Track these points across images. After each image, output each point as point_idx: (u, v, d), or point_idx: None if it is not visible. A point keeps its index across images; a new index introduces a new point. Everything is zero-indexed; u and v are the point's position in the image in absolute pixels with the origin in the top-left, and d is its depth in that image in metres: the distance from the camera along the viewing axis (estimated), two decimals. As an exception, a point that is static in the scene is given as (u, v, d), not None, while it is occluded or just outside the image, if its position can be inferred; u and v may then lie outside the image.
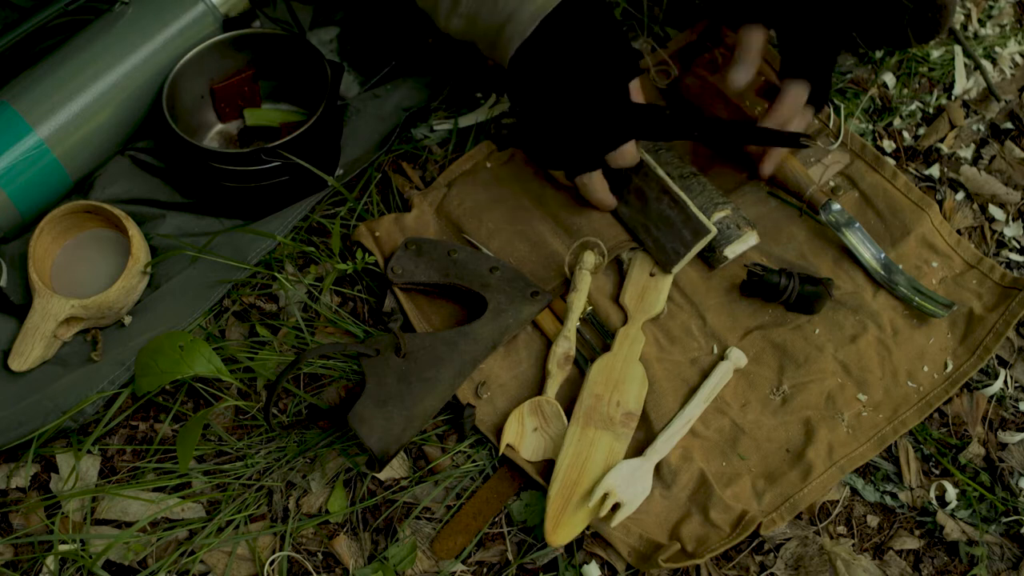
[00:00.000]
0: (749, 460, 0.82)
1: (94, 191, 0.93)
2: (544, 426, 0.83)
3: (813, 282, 0.87)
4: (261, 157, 0.89)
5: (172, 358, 0.81)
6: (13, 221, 0.91)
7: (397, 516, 0.81)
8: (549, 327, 0.88)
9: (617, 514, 0.78)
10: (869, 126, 1.03)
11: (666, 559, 0.76)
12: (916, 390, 0.86)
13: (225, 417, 0.86)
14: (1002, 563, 0.80)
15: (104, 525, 0.81)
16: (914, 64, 1.07)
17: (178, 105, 0.94)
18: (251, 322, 0.90)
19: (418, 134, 1.02)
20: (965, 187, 0.99)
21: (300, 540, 0.80)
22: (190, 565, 0.78)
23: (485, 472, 0.83)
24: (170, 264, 0.91)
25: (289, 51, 0.97)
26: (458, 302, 0.90)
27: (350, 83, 1.03)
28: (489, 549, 0.80)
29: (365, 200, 0.96)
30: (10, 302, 0.88)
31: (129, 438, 0.85)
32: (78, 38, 0.94)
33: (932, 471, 0.84)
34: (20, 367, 0.84)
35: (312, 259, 0.93)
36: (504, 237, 0.92)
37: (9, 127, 0.88)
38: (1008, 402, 0.87)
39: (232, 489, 0.82)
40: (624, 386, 0.83)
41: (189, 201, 0.95)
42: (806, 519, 0.81)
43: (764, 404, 0.85)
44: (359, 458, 0.83)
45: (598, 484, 0.78)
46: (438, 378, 0.80)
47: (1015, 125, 1.03)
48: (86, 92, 0.91)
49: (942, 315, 0.87)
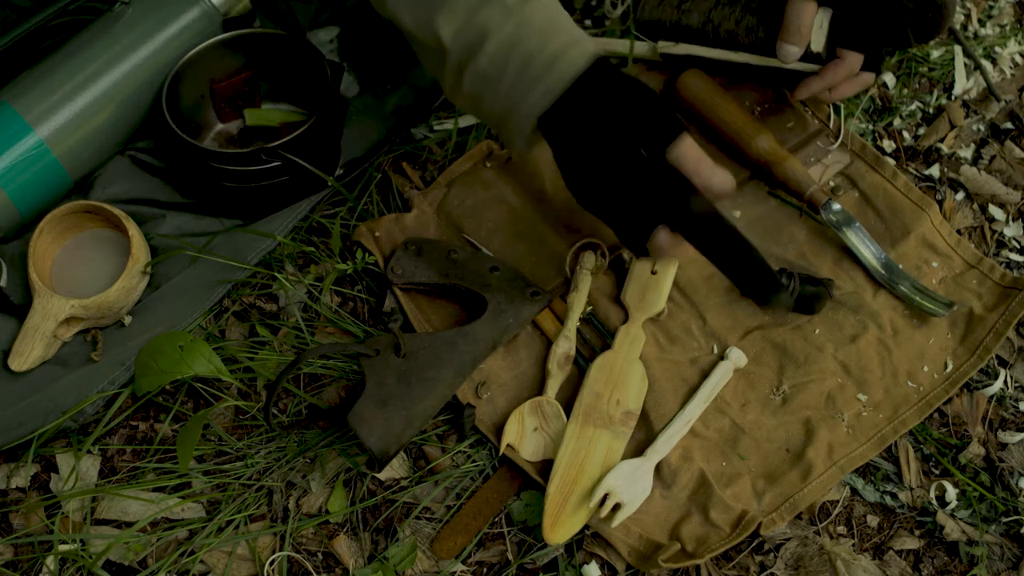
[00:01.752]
0: (749, 460, 0.82)
1: (94, 191, 0.93)
2: (544, 426, 0.83)
3: (814, 282, 0.87)
4: (261, 157, 0.89)
5: (172, 358, 0.81)
6: (13, 221, 0.91)
7: (397, 516, 0.81)
8: (549, 327, 0.88)
9: (618, 514, 0.78)
10: (869, 126, 1.03)
11: (666, 559, 0.76)
12: (916, 390, 0.86)
13: (225, 417, 0.86)
14: (1002, 563, 0.80)
15: (104, 525, 0.81)
16: (914, 64, 1.07)
17: (178, 105, 0.94)
18: (251, 322, 0.90)
19: (418, 134, 1.02)
20: (965, 187, 0.99)
21: (300, 540, 0.80)
22: (190, 565, 0.78)
23: (485, 472, 0.83)
24: (170, 264, 0.91)
25: (289, 51, 0.97)
26: (458, 302, 0.90)
27: (350, 83, 1.03)
28: (489, 549, 0.80)
29: (365, 200, 0.96)
30: (10, 302, 0.88)
31: (129, 438, 0.85)
32: (78, 38, 0.94)
33: (932, 471, 0.84)
34: (20, 367, 0.84)
35: (312, 259, 0.93)
36: (504, 237, 0.92)
37: (9, 127, 0.88)
38: (1008, 402, 0.87)
39: (232, 489, 0.82)
40: (624, 385, 0.83)
41: (189, 201, 0.95)
42: (806, 519, 0.81)
43: (764, 404, 0.85)
44: (359, 458, 0.83)
45: (598, 484, 0.78)
46: (438, 378, 0.80)
47: (1015, 125, 1.03)
48: (86, 92, 0.91)
49: (943, 314, 0.87)
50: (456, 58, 0.77)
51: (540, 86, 0.75)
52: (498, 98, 0.77)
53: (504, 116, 0.78)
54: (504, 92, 0.76)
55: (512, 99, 0.76)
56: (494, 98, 0.77)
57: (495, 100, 0.77)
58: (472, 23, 0.76)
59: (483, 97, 0.78)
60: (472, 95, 0.79)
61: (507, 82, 0.76)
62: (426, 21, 0.77)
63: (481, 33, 0.76)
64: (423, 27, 0.78)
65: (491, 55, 0.75)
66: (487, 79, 0.77)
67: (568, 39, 0.76)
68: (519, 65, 0.75)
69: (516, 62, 0.75)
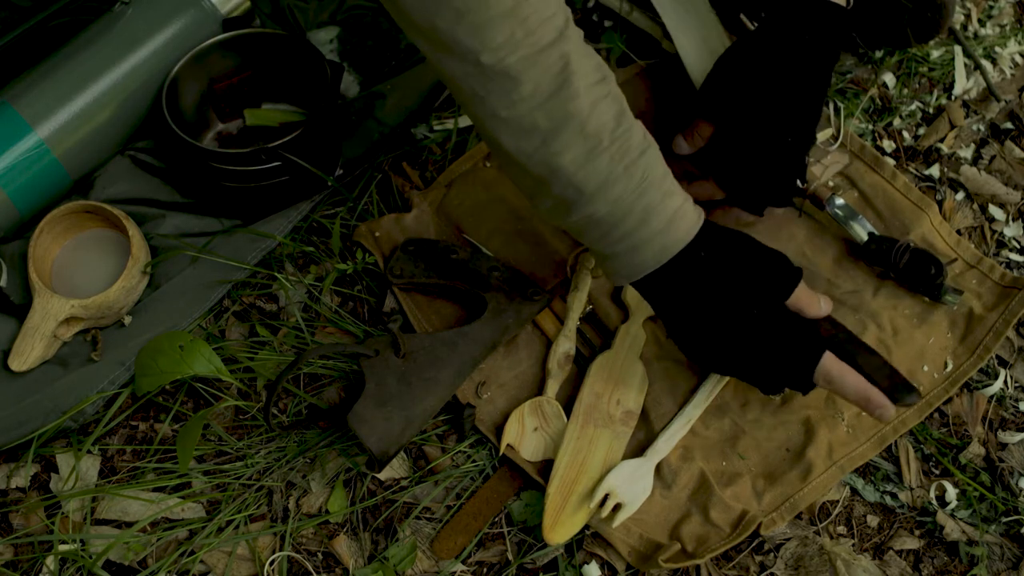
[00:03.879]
0: (749, 460, 0.82)
1: (94, 191, 0.93)
2: (544, 426, 0.83)
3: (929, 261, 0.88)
4: (261, 157, 0.89)
5: (172, 358, 0.81)
6: (13, 221, 0.91)
7: (397, 516, 0.81)
8: (549, 327, 0.88)
9: (619, 514, 0.78)
10: (869, 126, 1.03)
11: (666, 559, 0.76)
12: (916, 390, 0.86)
13: (225, 417, 0.86)
14: (1002, 563, 0.80)
15: (104, 525, 0.81)
16: (914, 64, 1.07)
17: (178, 105, 0.94)
18: (251, 322, 0.90)
19: (418, 134, 1.02)
20: (965, 187, 0.99)
21: (300, 540, 0.80)
22: (190, 565, 0.78)
23: (485, 472, 0.83)
24: (170, 264, 0.91)
25: (289, 51, 0.97)
26: (458, 302, 0.90)
27: (350, 83, 1.03)
28: (489, 549, 0.80)
29: (365, 200, 0.96)
30: (10, 302, 0.88)
31: (129, 438, 0.85)
32: (78, 38, 0.93)
33: (932, 471, 0.84)
34: (20, 367, 0.84)
35: (312, 259, 0.93)
36: (504, 237, 0.92)
37: (9, 127, 0.88)
38: (1008, 402, 0.87)
39: (232, 489, 0.82)
40: (624, 384, 0.83)
41: (189, 201, 0.95)
42: (806, 519, 0.81)
43: (764, 404, 0.85)
44: (359, 458, 0.83)
45: (599, 485, 0.78)
46: (438, 378, 0.80)
47: (1015, 125, 1.03)
48: (86, 92, 0.91)
49: (953, 302, 0.87)
50: (565, 193, 0.72)
51: (655, 245, 0.73)
52: (606, 242, 0.73)
53: (607, 257, 0.75)
54: (616, 239, 0.73)
55: (622, 247, 0.73)
56: (602, 241, 0.74)
57: (602, 243, 0.74)
58: (594, 165, 0.70)
59: (586, 235, 0.74)
60: (575, 230, 0.75)
61: (620, 232, 0.72)
62: (534, 151, 0.71)
63: (603, 180, 0.71)
64: (529, 156, 0.71)
65: (613, 202, 0.71)
66: (599, 223, 0.72)
67: (683, 197, 0.74)
68: (638, 219, 0.72)
69: (636, 216, 0.72)
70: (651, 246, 0.73)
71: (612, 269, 0.76)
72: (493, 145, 0.73)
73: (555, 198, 0.73)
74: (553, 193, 0.73)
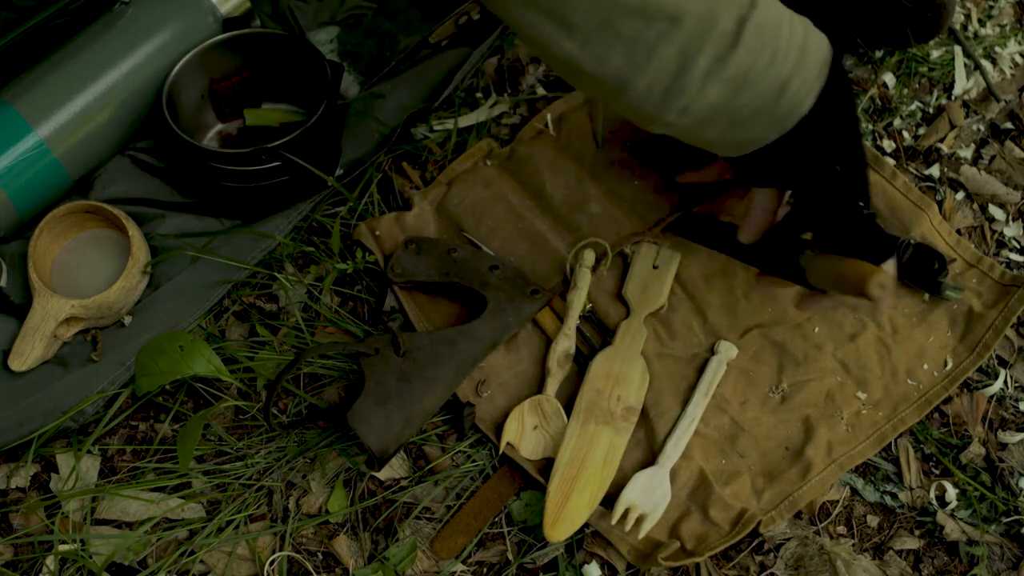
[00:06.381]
0: (748, 458, 0.82)
1: (94, 191, 0.93)
2: (544, 424, 0.83)
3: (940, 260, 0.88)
4: (261, 157, 0.89)
5: (172, 358, 0.81)
6: (13, 221, 0.91)
7: (397, 516, 0.81)
8: (549, 325, 0.88)
9: (643, 525, 0.78)
10: (869, 126, 1.03)
11: (666, 557, 0.76)
12: (916, 388, 0.86)
13: (225, 417, 0.86)
14: (1002, 563, 0.80)
15: (104, 525, 0.81)
16: (914, 64, 1.07)
17: (178, 105, 0.95)
18: (251, 322, 0.90)
19: (418, 134, 1.02)
20: (965, 187, 0.99)
21: (300, 540, 0.80)
22: (190, 565, 0.78)
23: (485, 472, 0.83)
24: (170, 264, 0.91)
25: (289, 51, 0.97)
26: (458, 301, 0.90)
27: (350, 83, 1.03)
28: (489, 549, 0.80)
29: (365, 200, 0.96)
30: (10, 302, 0.88)
31: (129, 438, 0.85)
32: (78, 38, 0.94)
33: (932, 471, 0.84)
34: (20, 367, 0.84)
35: (312, 259, 0.93)
36: (504, 235, 0.92)
37: (9, 127, 0.88)
38: (1008, 402, 0.87)
39: (232, 489, 0.82)
40: (625, 380, 0.83)
41: (189, 201, 0.95)
42: (806, 519, 0.81)
43: (763, 402, 0.85)
44: (359, 458, 0.83)
45: (618, 500, 0.78)
46: (438, 377, 0.80)
47: (1015, 125, 1.03)
48: (86, 92, 0.91)
49: (954, 297, 0.88)
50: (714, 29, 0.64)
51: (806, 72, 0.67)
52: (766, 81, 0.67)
53: (757, 112, 0.68)
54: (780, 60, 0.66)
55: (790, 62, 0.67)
56: (762, 81, 0.66)
57: (765, 81, 0.67)
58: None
59: (753, 68, 0.66)
60: (734, 78, 0.66)
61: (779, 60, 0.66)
62: None
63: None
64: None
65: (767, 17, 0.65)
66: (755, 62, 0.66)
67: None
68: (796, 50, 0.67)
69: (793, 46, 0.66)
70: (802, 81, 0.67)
71: (767, 123, 0.68)
72: None
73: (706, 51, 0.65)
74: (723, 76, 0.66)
